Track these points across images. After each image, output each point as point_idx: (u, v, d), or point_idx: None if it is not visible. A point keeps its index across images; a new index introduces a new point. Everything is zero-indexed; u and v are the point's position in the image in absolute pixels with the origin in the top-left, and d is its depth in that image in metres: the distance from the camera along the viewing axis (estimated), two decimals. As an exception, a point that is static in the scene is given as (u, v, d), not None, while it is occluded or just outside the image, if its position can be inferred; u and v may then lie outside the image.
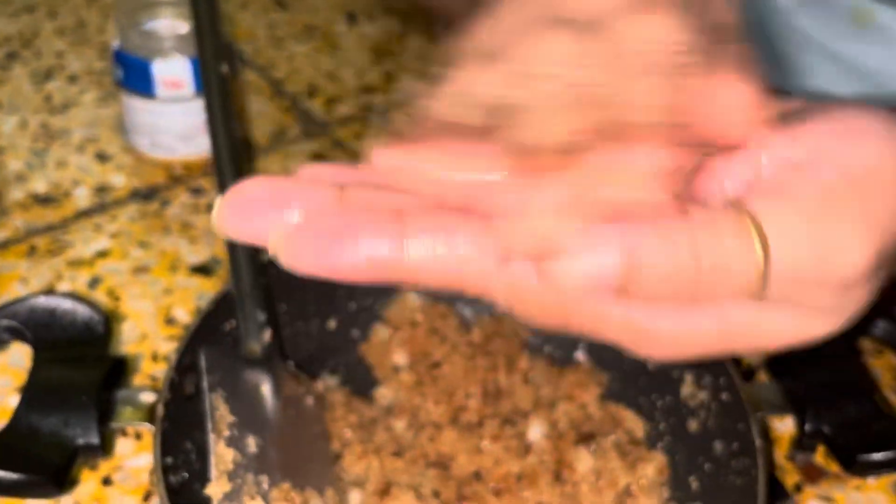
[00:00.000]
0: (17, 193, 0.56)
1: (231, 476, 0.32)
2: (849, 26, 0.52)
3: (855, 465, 0.35)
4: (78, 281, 0.51)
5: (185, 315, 0.49)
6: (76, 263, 0.52)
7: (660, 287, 0.21)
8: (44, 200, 0.56)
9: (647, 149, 0.20)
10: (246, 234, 0.22)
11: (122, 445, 0.42)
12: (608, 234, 0.20)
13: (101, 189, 0.57)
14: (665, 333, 0.23)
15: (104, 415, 0.34)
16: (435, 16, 0.79)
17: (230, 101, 0.40)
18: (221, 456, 0.32)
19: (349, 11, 0.80)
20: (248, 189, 0.22)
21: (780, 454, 0.45)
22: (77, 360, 0.35)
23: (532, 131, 0.21)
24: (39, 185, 0.57)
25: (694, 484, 0.39)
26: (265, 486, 0.33)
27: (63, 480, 0.32)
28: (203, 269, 0.52)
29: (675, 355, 0.24)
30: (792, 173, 0.22)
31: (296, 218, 0.21)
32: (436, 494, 0.38)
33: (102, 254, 0.53)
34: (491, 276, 0.22)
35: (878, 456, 0.34)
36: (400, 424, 0.41)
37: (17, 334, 0.35)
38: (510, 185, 0.21)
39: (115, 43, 0.56)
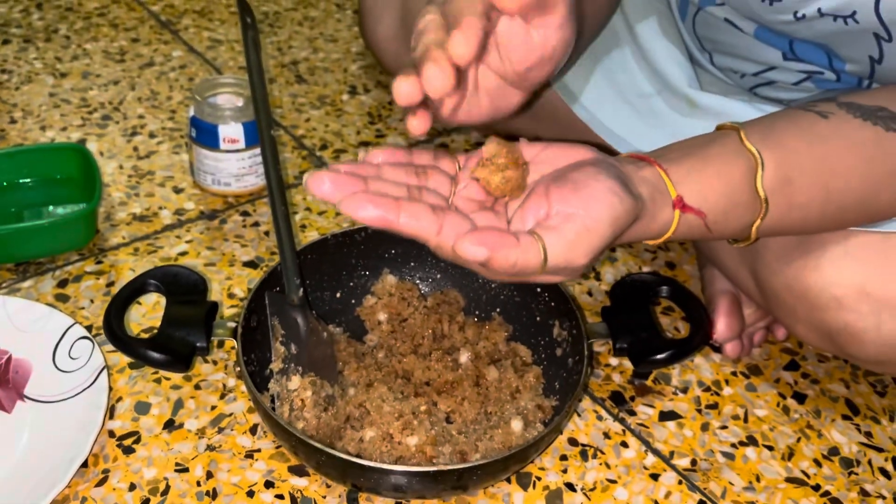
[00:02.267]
0: (121, 214, 0.82)
1: (283, 361, 0.57)
2: (686, 107, 0.78)
3: (643, 363, 0.60)
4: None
5: (241, 292, 0.74)
6: (166, 260, 0.77)
7: (502, 267, 0.46)
8: (140, 219, 0.81)
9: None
10: (323, 196, 0.47)
11: (205, 367, 0.67)
12: (484, 238, 0.46)
13: (179, 212, 0.83)
14: (504, 278, 0.50)
15: (208, 332, 0.58)
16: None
17: (277, 152, 0.64)
18: (278, 350, 0.57)
19: (351, 85, 1.06)
20: (324, 175, 0.47)
21: (623, 379, 0.69)
22: (190, 303, 0.60)
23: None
24: (136, 209, 0.82)
25: (556, 385, 0.63)
26: (301, 372, 0.58)
27: (189, 364, 0.57)
28: (251, 264, 0.77)
29: (507, 282, 0.50)
30: (561, 219, 0.47)
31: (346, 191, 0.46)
32: (401, 392, 0.63)
33: (183, 254, 0.78)
34: (431, 238, 0.47)
35: (655, 357, 0.60)
36: (380, 354, 0.66)
37: (156, 287, 0.60)
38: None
39: (191, 111, 0.82)
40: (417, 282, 0.71)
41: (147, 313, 0.71)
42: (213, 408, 0.64)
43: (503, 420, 0.60)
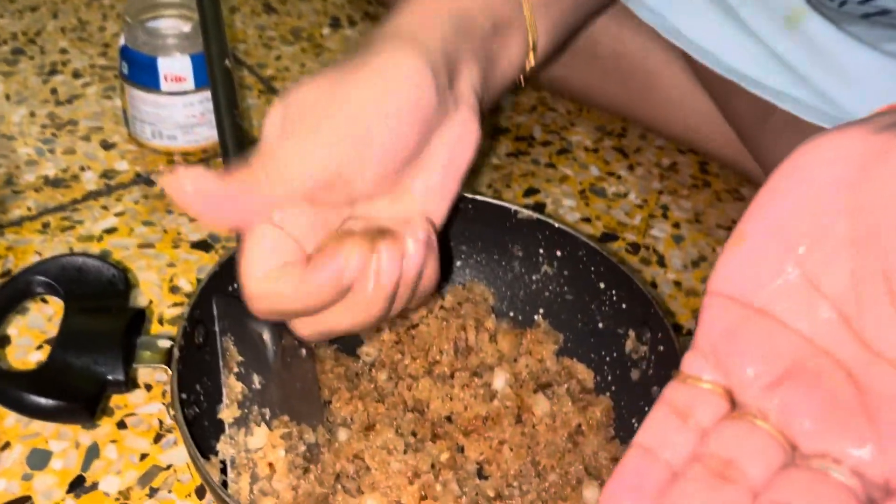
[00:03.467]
0: (28, 177, 0.61)
1: (240, 405, 0.38)
2: (781, 26, 0.58)
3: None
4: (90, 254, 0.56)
5: (187, 285, 0.55)
6: (86, 238, 0.57)
7: None
8: (54, 183, 0.61)
9: None
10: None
11: (135, 396, 0.47)
12: None
13: (107, 174, 0.62)
14: None
15: (128, 356, 0.39)
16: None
17: (234, 92, 0.44)
18: (232, 387, 0.38)
19: (333, 16, 0.86)
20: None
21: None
22: (102, 311, 0.40)
23: None
24: (49, 170, 0.62)
25: (636, 424, 0.45)
26: (268, 416, 0.39)
27: (94, 408, 0.37)
28: (203, 245, 0.58)
29: None
30: None
31: None
32: (413, 433, 0.44)
33: (110, 231, 0.58)
34: None
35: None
36: (382, 376, 0.47)
37: (49, 288, 0.41)
38: None
39: (122, 39, 0.61)
40: (430, 272, 0.52)
41: (54, 317, 0.51)
42: (144, 457, 0.44)
43: (568, 482, 0.41)
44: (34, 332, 0.50)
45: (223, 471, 0.37)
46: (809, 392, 0.22)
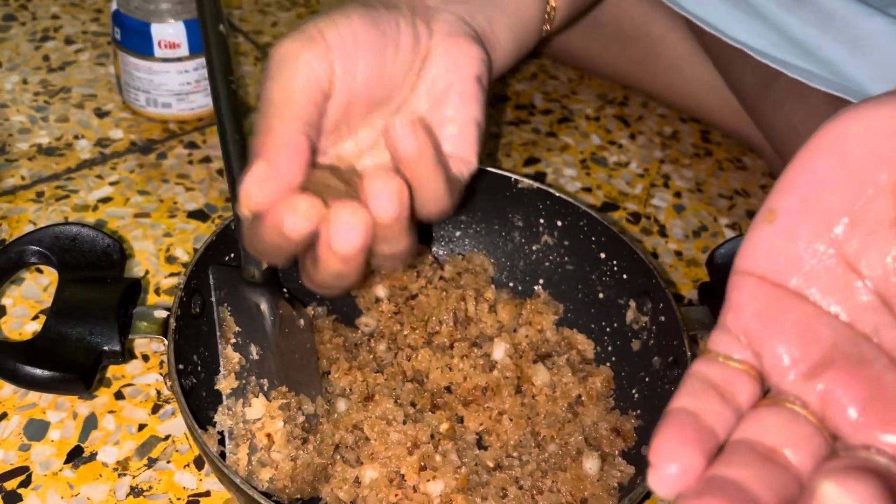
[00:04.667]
0: (21, 145, 0.60)
1: (238, 376, 0.38)
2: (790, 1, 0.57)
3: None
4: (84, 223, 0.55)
5: (184, 254, 0.54)
6: (81, 208, 0.56)
7: None
8: (48, 152, 0.60)
9: None
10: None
11: (132, 366, 0.47)
12: None
13: (102, 142, 0.61)
14: None
15: (123, 327, 0.38)
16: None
17: (229, 57, 0.43)
18: (229, 358, 0.37)
19: (330, -19, 0.84)
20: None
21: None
22: (97, 281, 0.40)
23: None
24: (43, 138, 0.61)
25: (635, 395, 0.44)
26: (266, 387, 0.39)
27: (91, 379, 0.37)
28: (199, 215, 0.57)
29: None
30: None
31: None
32: (412, 404, 0.44)
33: (105, 200, 0.57)
34: None
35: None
36: (381, 347, 0.47)
37: (42, 258, 0.40)
38: None
39: (114, 4, 0.60)
40: (429, 243, 0.52)
41: (50, 287, 0.50)
42: (142, 427, 0.44)
43: (568, 453, 0.41)
44: (30, 302, 0.50)
45: (221, 441, 0.36)
46: (853, 379, 0.21)
